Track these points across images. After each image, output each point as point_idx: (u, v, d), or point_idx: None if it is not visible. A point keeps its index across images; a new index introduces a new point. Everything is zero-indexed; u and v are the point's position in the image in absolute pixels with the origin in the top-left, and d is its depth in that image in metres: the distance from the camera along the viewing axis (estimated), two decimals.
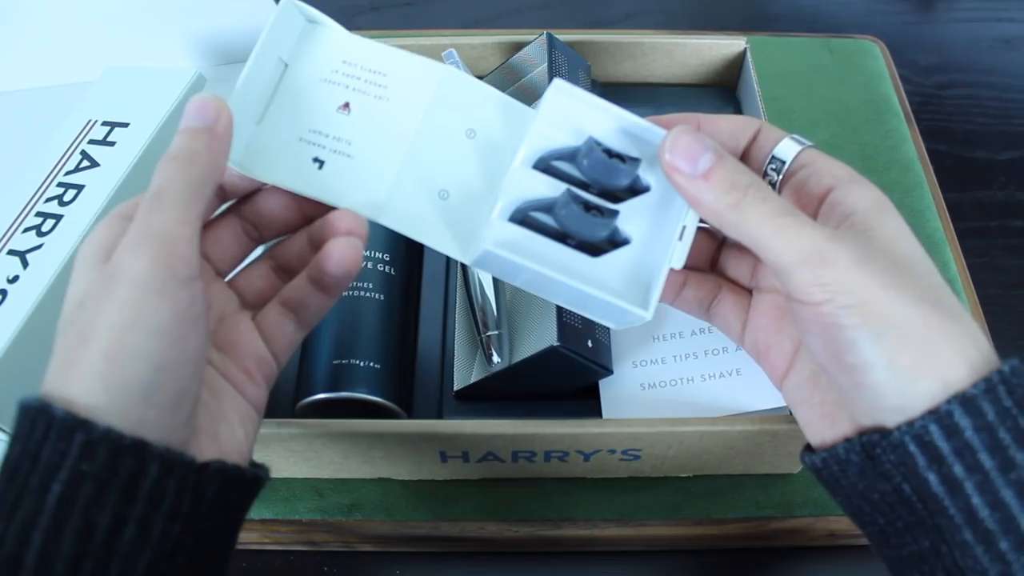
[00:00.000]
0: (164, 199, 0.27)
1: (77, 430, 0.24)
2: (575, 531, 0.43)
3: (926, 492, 0.26)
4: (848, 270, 0.27)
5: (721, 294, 0.35)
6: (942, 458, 0.26)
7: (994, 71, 0.68)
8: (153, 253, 0.26)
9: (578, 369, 0.40)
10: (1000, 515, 0.25)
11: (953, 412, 0.25)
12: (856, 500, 0.29)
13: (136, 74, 0.48)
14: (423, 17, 0.74)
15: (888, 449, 0.27)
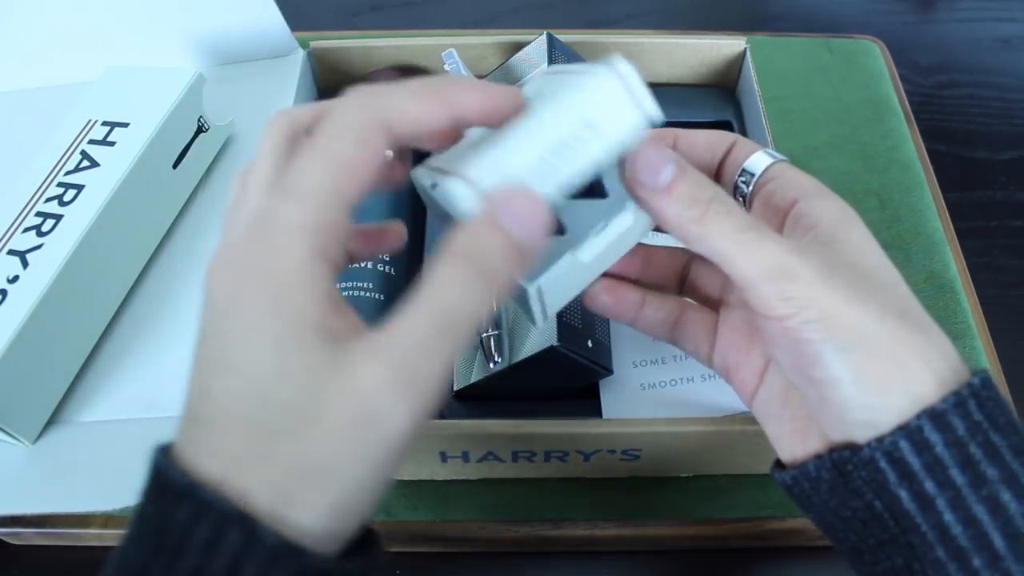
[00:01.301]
0: (454, 329, 0.23)
1: (288, 558, 0.21)
2: (575, 531, 0.43)
3: (898, 509, 0.26)
4: (812, 284, 0.26)
5: (687, 314, 0.34)
6: (913, 474, 0.25)
7: (994, 71, 0.68)
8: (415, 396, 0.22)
9: (578, 369, 0.40)
10: (973, 532, 0.25)
11: (923, 427, 0.25)
12: (828, 517, 0.29)
13: (136, 74, 0.48)
14: (423, 17, 0.74)
15: (859, 465, 0.26)
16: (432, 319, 0.23)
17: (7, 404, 0.38)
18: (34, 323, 0.39)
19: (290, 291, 0.23)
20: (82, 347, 0.42)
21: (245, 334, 0.22)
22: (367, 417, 0.22)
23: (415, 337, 0.22)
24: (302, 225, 0.23)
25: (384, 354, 0.22)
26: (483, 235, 0.24)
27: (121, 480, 0.37)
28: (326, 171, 0.24)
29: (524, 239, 0.24)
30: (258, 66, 0.53)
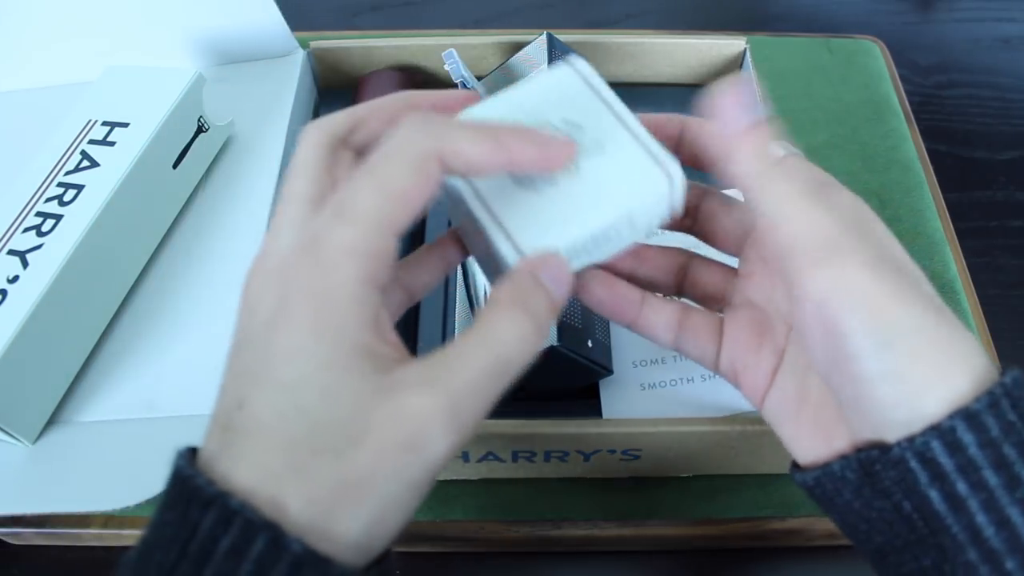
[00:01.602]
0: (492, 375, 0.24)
1: (313, 566, 0.21)
2: (575, 531, 0.43)
3: (928, 510, 0.25)
4: (859, 268, 0.25)
5: (690, 317, 0.33)
6: (945, 475, 0.25)
7: (994, 71, 0.68)
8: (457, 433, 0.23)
9: (578, 369, 0.40)
10: (1006, 534, 0.24)
11: (956, 428, 0.24)
12: (852, 518, 0.28)
13: (136, 74, 0.48)
14: (423, 17, 0.74)
15: (888, 466, 0.26)
16: (488, 360, 0.24)
17: (7, 404, 0.38)
18: (34, 323, 0.39)
19: (339, 313, 0.23)
20: (82, 347, 0.42)
21: (291, 350, 0.23)
22: (413, 443, 0.22)
23: (470, 376, 0.23)
24: (354, 248, 0.23)
25: (439, 387, 0.23)
26: (532, 290, 0.25)
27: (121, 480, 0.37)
28: (381, 197, 0.24)
29: (557, 297, 0.26)
30: (258, 66, 0.53)
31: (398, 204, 0.24)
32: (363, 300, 0.23)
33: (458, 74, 0.48)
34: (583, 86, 0.30)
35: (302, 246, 0.24)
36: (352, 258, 0.23)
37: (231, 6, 0.50)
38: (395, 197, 0.24)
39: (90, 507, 0.37)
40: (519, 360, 0.24)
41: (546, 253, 0.27)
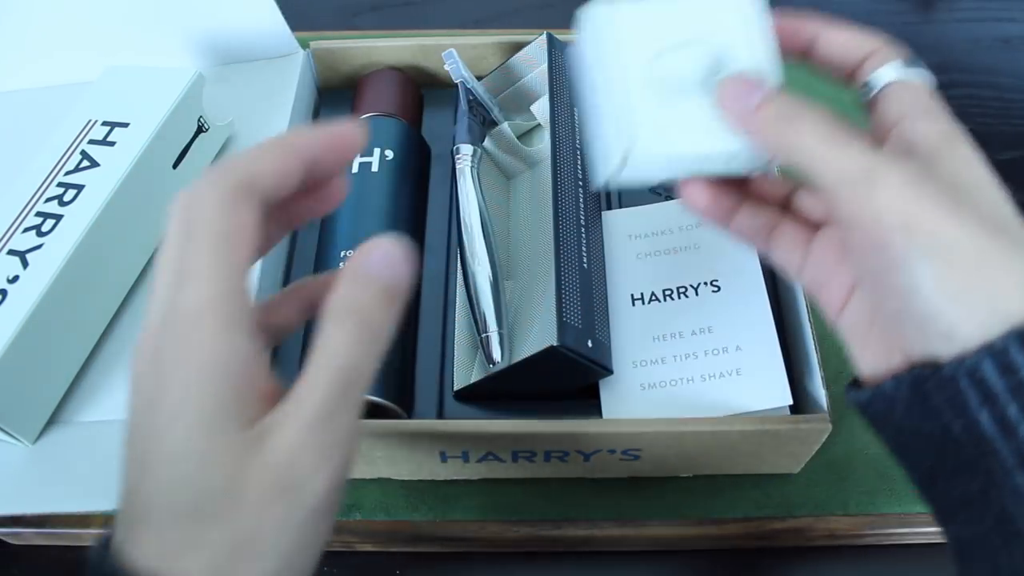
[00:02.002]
0: (349, 393, 0.24)
1: None
2: (575, 531, 0.43)
3: (977, 432, 0.25)
4: (899, 189, 0.26)
5: (784, 225, 0.34)
6: (995, 397, 0.24)
7: (994, 71, 0.68)
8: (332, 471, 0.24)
9: (578, 369, 0.40)
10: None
11: (1009, 348, 0.24)
12: (903, 439, 0.28)
13: (136, 74, 0.48)
14: (423, 17, 0.74)
15: (939, 385, 0.25)
16: (331, 380, 0.24)
17: (7, 404, 0.38)
18: (34, 323, 0.39)
19: (205, 376, 0.23)
20: (82, 347, 0.42)
21: (168, 425, 0.23)
22: (287, 485, 0.23)
23: (320, 398, 0.24)
24: (200, 308, 0.24)
25: (295, 420, 0.23)
26: (356, 288, 0.25)
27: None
28: (207, 248, 0.24)
29: (392, 280, 0.26)
30: (258, 66, 0.53)
31: (227, 248, 0.25)
32: (224, 352, 0.24)
33: (458, 74, 0.48)
34: (746, 8, 0.32)
35: (163, 319, 0.24)
36: (201, 317, 0.24)
37: (231, 6, 0.50)
38: (220, 242, 0.24)
39: (90, 507, 0.37)
40: (364, 363, 0.25)
41: (366, 244, 0.26)
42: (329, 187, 0.30)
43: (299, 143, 0.27)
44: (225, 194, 0.25)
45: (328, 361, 0.24)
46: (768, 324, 0.42)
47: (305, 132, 0.28)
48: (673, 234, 0.46)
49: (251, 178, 0.26)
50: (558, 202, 0.42)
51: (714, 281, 0.44)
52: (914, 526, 0.44)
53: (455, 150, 0.46)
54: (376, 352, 0.25)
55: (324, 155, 0.28)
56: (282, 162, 0.26)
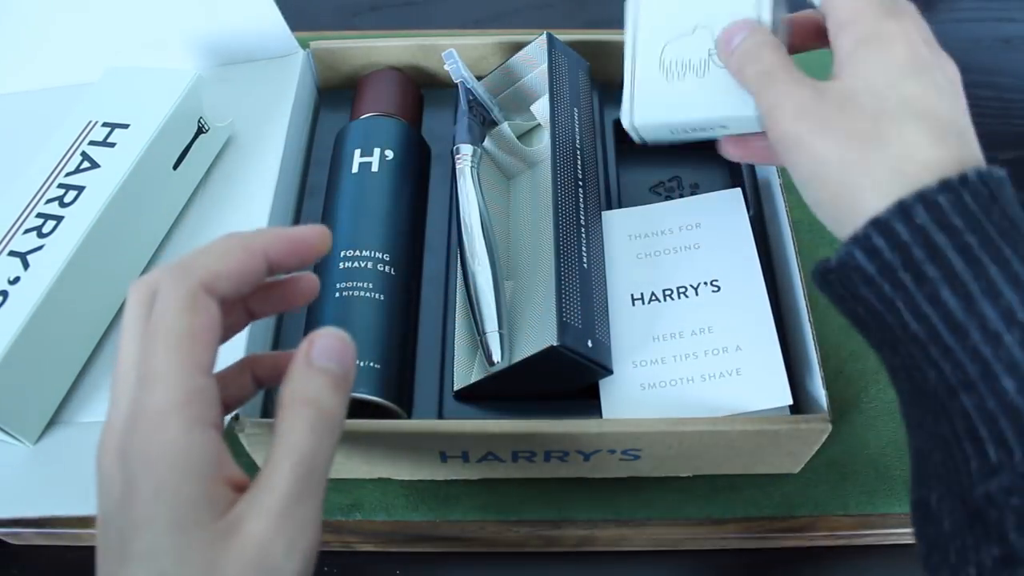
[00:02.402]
0: (312, 479, 0.25)
1: None
2: (575, 531, 0.43)
3: (873, 309, 0.29)
4: (792, 118, 0.32)
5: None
6: (871, 279, 0.29)
7: (994, 71, 0.68)
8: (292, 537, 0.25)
9: (578, 369, 0.40)
10: (938, 313, 0.27)
11: (871, 235, 0.28)
12: (849, 319, 0.32)
13: (136, 75, 0.48)
14: (423, 17, 0.74)
15: (833, 277, 0.30)
16: (293, 464, 0.25)
17: (8, 405, 0.38)
18: (35, 324, 0.39)
19: (174, 473, 0.24)
20: (83, 348, 0.42)
21: (141, 522, 0.24)
22: (263, 572, 0.24)
23: (285, 488, 0.25)
24: (166, 408, 0.25)
25: (264, 510, 0.24)
26: (308, 379, 0.26)
27: None
28: (170, 350, 0.25)
29: (338, 370, 0.27)
30: (258, 66, 0.53)
31: (189, 347, 0.26)
32: (191, 450, 0.25)
33: (458, 74, 0.48)
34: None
35: (129, 419, 0.25)
36: (168, 417, 0.25)
37: (231, 6, 0.50)
38: (183, 343, 0.26)
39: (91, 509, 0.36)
40: (323, 449, 0.26)
41: (314, 333, 0.27)
42: (299, 283, 0.31)
43: (260, 244, 0.28)
44: (186, 295, 0.26)
45: (289, 450, 0.25)
46: (768, 324, 0.42)
47: (268, 233, 0.29)
48: (673, 234, 0.46)
49: (212, 278, 0.27)
50: (558, 202, 0.43)
51: (714, 281, 0.44)
52: None
53: (455, 150, 0.46)
54: (333, 437, 0.26)
55: (285, 258, 0.29)
56: (242, 263, 0.28)
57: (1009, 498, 0.25)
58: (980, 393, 0.26)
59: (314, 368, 0.27)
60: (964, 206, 0.27)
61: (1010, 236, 0.27)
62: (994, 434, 0.26)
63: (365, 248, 0.44)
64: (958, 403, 0.27)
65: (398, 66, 0.54)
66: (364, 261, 0.44)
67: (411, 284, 0.46)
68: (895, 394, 0.31)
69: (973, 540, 0.27)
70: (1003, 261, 0.27)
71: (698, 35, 0.38)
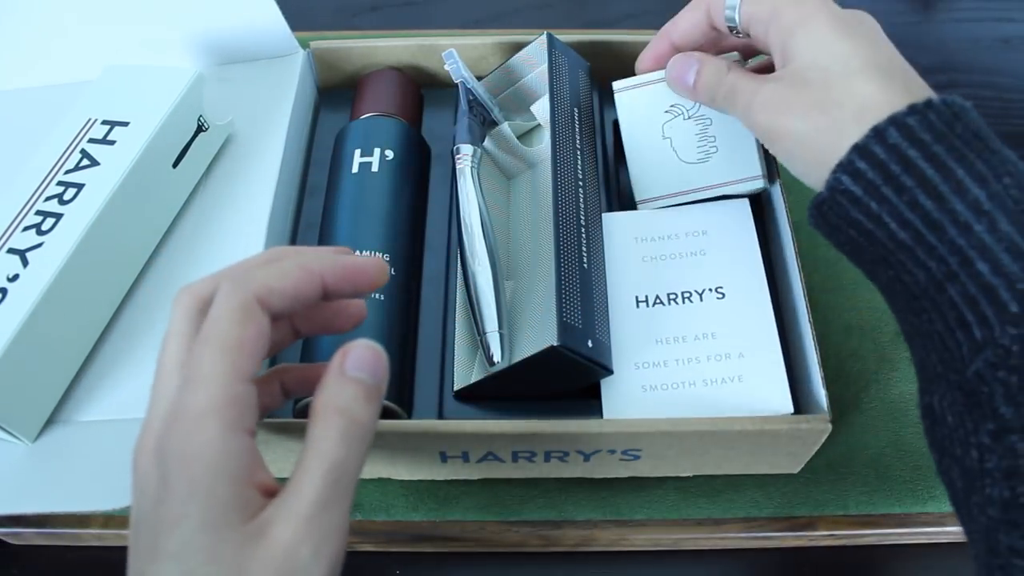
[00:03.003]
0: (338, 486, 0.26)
1: None
2: (575, 531, 0.43)
3: (864, 229, 0.32)
4: (763, 110, 0.36)
5: None
6: (858, 199, 0.32)
7: (994, 71, 0.68)
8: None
9: (578, 369, 0.40)
10: (907, 232, 0.31)
11: (853, 160, 0.31)
12: (846, 252, 0.35)
13: (136, 73, 0.48)
14: (423, 17, 0.74)
15: (825, 204, 0.33)
16: (325, 474, 0.26)
17: (7, 403, 0.38)
18: (34, 322, 0.39)
19: (209, 474, 0.25)
20: (82, 346, 0.42)
21: (174, 520, 0.25)
22: (289, 575, 0.25)
23: (315, 494, 0.26)
24: (207, 410, 0.26)
25: (293, 514, 0.25)
26: (341, 388, 0.27)
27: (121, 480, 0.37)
28: (219, 355, 0.26)
29: (371, 381, 0.28)
30: (258, 66, 0.53)
31: (237, 355, 0.27)
32: (227, 453, 0.26)
33: (458, 74, 0.48)
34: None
35: (169, 418, 0.26)
36: (207, 419, 0.26)
37: (231, 6, 0.50)
38: (232, 350, 0.27)
39: (90, 507, 0.37)
40: (353, 457, 0.27)
41: (348, 344, 0.28)
42: (348, 308, 0.33)
43: (320, 268, 0.29)
44: (240, 305, 0.27)
45: (320, 458, 0.26)
46: (772, 334, 0.42)
47: (328, 258, 0.30)
48: (679, 239, 0.45)
49: (267, 293, 0.28)
50: (558, 202, 0.42)
51: (719, 288, 0.43)
52: (914, 526, 0.44)
53: (455, 150, 0.46)
54: (364, 446, 0.27)
55: (341, 285, 0.30)
56: (299, 283, 0.29)
57: (996, 372, 0.28)
58: (962, 280, 0.29)
59: (347, 378, 0.28)
60: (930, 123, 0.30)
61: (973, 145, 0.30)
62: (977, 315, 0.28)
63: (365, 248, 0.44)
64: (946, 295, 0.30)
65: (398, 66, 0.54)
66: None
67: (411, 284, 0.45)
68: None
69: (972, 423, 0.29)
70: (968, 163, 0.30)
71: (677, 122, 0.46)
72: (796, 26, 0.36)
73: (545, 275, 0.42)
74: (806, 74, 0.35)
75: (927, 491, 0.44)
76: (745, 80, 0.38)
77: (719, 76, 0.40)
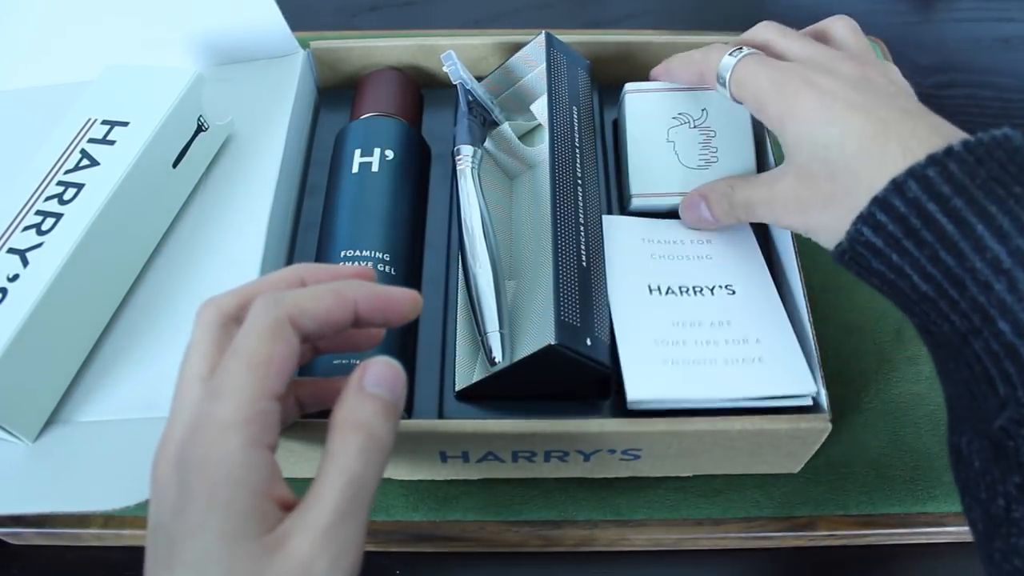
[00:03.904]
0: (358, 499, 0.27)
1: None
2: (575, 531, 0.43)
3: (886, 279, 0.33)
4: (784, 219, 0.38)
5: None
6: (880, 251, 0.32)
7: (994, 71, 0.68)
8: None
9: (578, 368, 0.40)
10: (932, 285, 0.31)
11: (874, 212, 0.31)
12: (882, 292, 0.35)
13: (136, 73, 0.48)
14: (423, 17, 0.74)
15: (846, 254, 0.34)
16: (343, 488, 0.26)
17: (7, 403, 0.38)
18: (34, 322, 0.39)
19: (228, 485, 0.25)
20: (82, 346, 0.42)
21: (192, 529, 0.25)
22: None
23: (332, 507, 0.26)
24: (232, 422, 0.26)
25: (310, 527, 0.26)
26: (360, 404, 0.28)
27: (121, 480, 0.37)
28: (248, 370, 0.27)
29: (389, 397, 0.28)
30: (258, 66, 0.53)
31: (264, 372, 0.27)
32: (248, 466, 0.26)
33: (457, 76, 0.48)
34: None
35: (192, 429, 0.27)
36: (231, 431, 0.26)
37: (231, 6, 0.50)
38: (260, 367, 0.27)
39: (90, 507, 0.37)
40: (372, 476, 0.27)
41: (367, 361, 0.29)
42: (369, 330, 0.33)
43: (353, 296, 0.30)
44: (273, 323, 0.28)
45: (338, 472, 0.26)
46: (785, 326, 0.42)
47: (363, 288, 0.30)
48: (685, 244, 0.46)
49: (299, 314, 0.28)
50: (556, 201, 0.42)
51: (728, 285, 0.44)
52: (914, 526, 0.44)
53: (455, 151, 0.46)
54: (381, 463, 0.27)
55: (373, 315, 0.30)
56: (332, 311, 0.29)
57: (1020, 429, 0.28)
58: (984, 337, 0.29)
59: (365, 394, 0.28)
60: (950, 175, 0.30)
61: (995, 194, 0.29)
62: (1000, 371, 0.29)
63: (365, 248, 0.44)
64: (971, 349, 0.30)
65: (398, 66, 0.54)
66: (364, 261, 0.43)
67: (411, 284, 0.45)
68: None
69: (999, 473, 0.29)
70: (988, 218, 0.29)
71: (679, 129, 0.48)
72: (785, 119, 0.36)
73: (544, 275, 0.42)
74: (811, 168, 0.35)
75: (927, 491, 0.44)
76: (754, 190, 0.40)
77: (728, 200, 0.42)
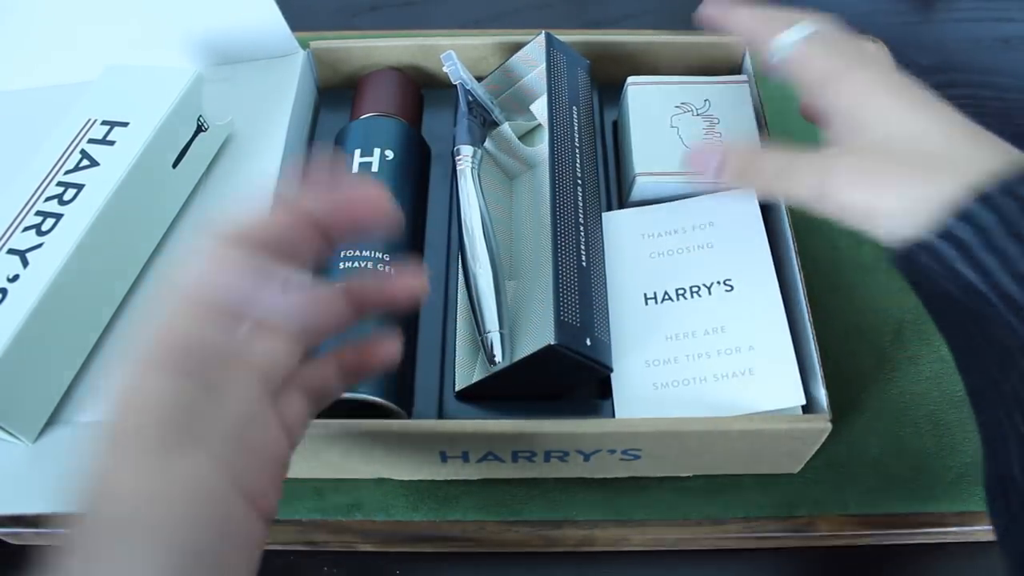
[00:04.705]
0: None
1: None
2: (575, 531, 0.43)
3: (954, 289, 0.31)
4: (849, 193, 0.34)
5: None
6: (951, 269, 0.31)
7: (994, 71, 0.68)
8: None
9: (578, 367, 0.40)
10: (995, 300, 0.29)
11: (933, 243, 0.31)
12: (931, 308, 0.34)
13: (136, 73, 0.48)
14: (423, 17, 0.74)
15: (909, 263, 0.32)
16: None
17: (7, 403, 0.38)
18: (34, 322, 0.39)
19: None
20: (82, 346, 0.42)
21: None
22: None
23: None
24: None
25: None
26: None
27: None
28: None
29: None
30: (258, 66, 0.53)
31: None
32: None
33: (457, 76, 0.48)
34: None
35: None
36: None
37: (231, 6, 0.50)
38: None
39: None
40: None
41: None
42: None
43: (304, 203, 0.29)
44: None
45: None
46: (781, 324, 0.42)
47: (314, 194, 0.30)
48: (686, 233, 0.46)
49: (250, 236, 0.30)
50: (555, 201, 0.42)
51: (727, 280, 0.44)
52: (914, 527, 0.44)
53: (455, 151, 0.46)
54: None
55: (335, 217, 0.30)
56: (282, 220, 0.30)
57: None
58: None
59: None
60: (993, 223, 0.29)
61: None
62: None
63: (365, 248, 0.44)
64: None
65: (398, 66, 0.54)
66: (364, 261, 0.43)
67: None
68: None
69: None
70: None
71: (684, 116, 0.49)
72: (865, 96, 0.35)
73: (543, 274, 0.42)
74: (890, 145, 0.34)
75: (927, 491, 0.44)
76: (804, 156, 0.36)
77: (750, 160, 0.40)
